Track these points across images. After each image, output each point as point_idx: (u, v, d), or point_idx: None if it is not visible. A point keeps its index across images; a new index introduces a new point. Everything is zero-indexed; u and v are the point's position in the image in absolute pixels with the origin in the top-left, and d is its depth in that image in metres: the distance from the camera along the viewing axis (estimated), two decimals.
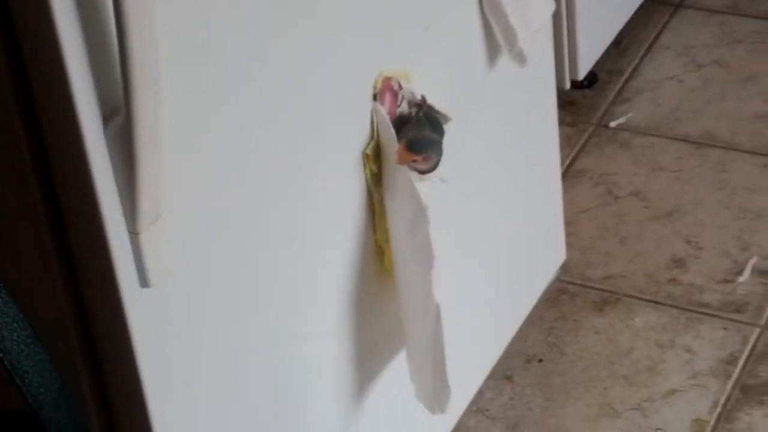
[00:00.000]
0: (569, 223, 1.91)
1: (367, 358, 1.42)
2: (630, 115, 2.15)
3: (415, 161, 1.29)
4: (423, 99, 1.35)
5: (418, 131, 1.30)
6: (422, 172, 1.31)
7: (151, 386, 1.10)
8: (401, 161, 1.29)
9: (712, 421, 1.66)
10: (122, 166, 1.02)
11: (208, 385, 1.18)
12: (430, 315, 1.33)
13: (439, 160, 1.33)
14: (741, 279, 1.85)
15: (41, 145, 1.03)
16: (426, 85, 1.36)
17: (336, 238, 1.32)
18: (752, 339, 1.76)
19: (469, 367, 1.65)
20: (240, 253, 1.18)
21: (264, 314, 1.24)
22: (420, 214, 1.31)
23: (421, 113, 1.33)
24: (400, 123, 1.33)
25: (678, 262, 1.88)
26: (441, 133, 1.34)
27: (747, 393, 1.69)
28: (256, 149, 1.18)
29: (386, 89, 1.32)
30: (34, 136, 1.03)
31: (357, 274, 1.36)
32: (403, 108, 1.34)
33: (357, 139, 1.31)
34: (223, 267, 1.16)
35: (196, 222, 1.11)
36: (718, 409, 1.67)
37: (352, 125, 1.31)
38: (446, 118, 1.36)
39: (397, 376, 1.43)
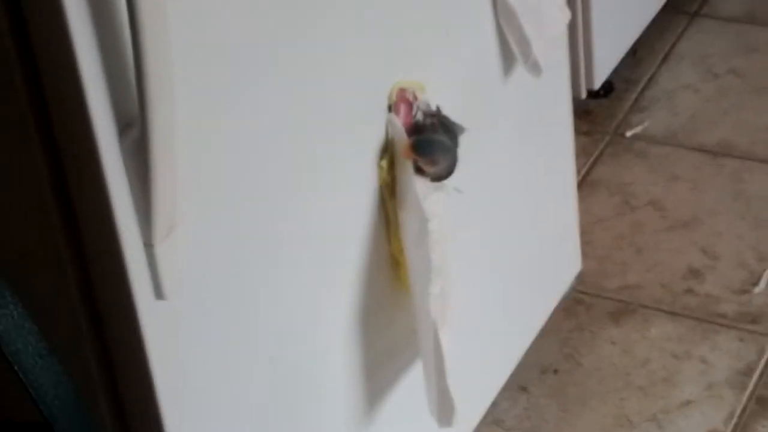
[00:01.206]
0: (585, 233, 1.90)
1: (381, 369, 1.42)
2: (646, 124, 2.15)
3: (417, 161, 1.29)
4: (438, 109, 1.35)
5: (427, 134, 1.31)
6: (431, 177, 1.31)
7: (166, 398, 1.10)
8: (403, 156, 1.29)
9: None
10: (137, 178, 1.02)
11: (221, 396, 1.18)
12: (429, 330, 1.33)
13: (450, 167, 1.32)
14: (757, 290, 1.84)
15: (57, 157, 1.03)
16: (441, 95, 1.36)
17: (350, 249, 1.32)
18: None
19: (484, 378, 1.65)
20: (253, 263, 1.18)
21: (276, 326, 1.24)
22: (423, 226, 1.30)
23: (435, 121, 1.33)
24: (415, 133, 1.33)
25: (694, 273, 1.88)
26: (454, 139, 1.34)
27: (763, 404, 1.68)
28: (270, 160, 1.18)
29: (401, 100, 1.32)
30: (51, 148, 1.03)
31: (371, 286, 1.36)
32: (419, 119, 1.34)
33: (372, 150, 1.31)
34: (236, 277, 1.16)
35: (209, 233, 1.12)
36: (734, 421, 1.67)
37: (367, 136, 1.31)
38: (461, 129, 1.36)
39: (411, 387, 1.43)
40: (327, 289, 1.30)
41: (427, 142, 1.30)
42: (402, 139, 1.30)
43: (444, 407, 1.35)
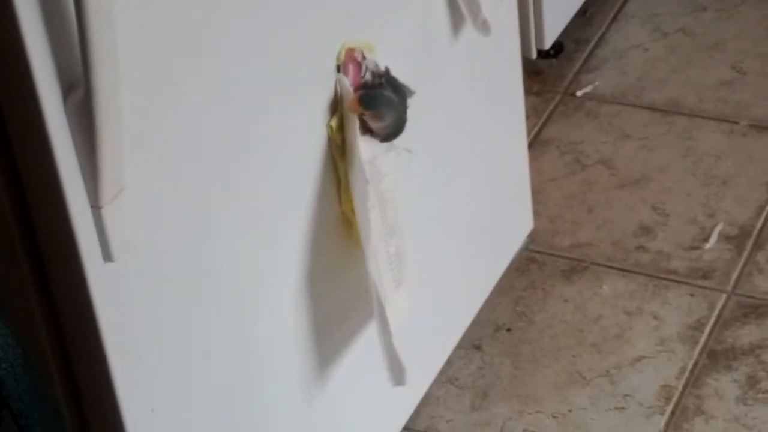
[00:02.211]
0: (537, 192, 1.91)
1: (337, 328, 1.42)
2: (596, 83, 2.16)
3: (363, 115, 1.29)
4: (387, 70, 1.35)
5: (375, 89, 1.31)
6: (379, 137, 1.31)
7: (116, 359, 1.10)
8: (350, 110, 1.29)
9: (680, 387, 1.67)
10: (83, 140, 1.01)
11: (173, 357, 1.18)
12: (371, 290, 1.34)
13: (397, 124, 1.32)
14: (708, 245, 1.86)
15: (2, 122, 1.02)
16: (390, 56, 1.36)
17: (301, 209, 1.32)
18: (719, 305, 1.77)
19: (438, 337, 1.65)
20: (202, 226, 1.18)
21: (227, 287, 1.24)
22: (363, 186, 1.31)
23: (384, 81, 1.33)
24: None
25: (645, 230, 1.89)
26: (402, 97, 1.34)
27: (714, 359, 1.70)
28: (218, 122, 1.17)
29: (350, 60, 1.32)
30: None
31: (323, 246, 1.36)
32: (367, 79, 1.34)
33: (321, 110, 1.31)
34: (185, 240, 1.16)
35: (157, 196, 1.11)
36: (686, 375, 1.68)
37: (316, 97, 1.30)
38: (410, 91, 1.36)
39: (366, 347, 1.44)
40: (278, 249, 1.30)
41: (374, 95, 1.31)
42: (350, 95, 1.30)
43: (394, 366, 1.36)
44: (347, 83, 1.31)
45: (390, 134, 1.34)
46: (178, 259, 1.16)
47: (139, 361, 1.14)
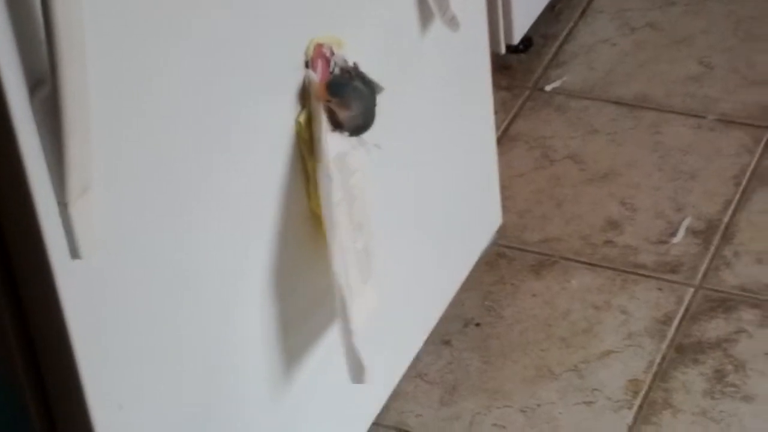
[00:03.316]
0: (505, 187, 1.92)
1: (305, 324, 1.42)
2: (565, 78, 2.16)
3: (330, 103, 1.29)
4: (355, 66, 1.34)
5: (343, 77, 1.31)
6: (348, 131, 1.31)
7: (84, 357, 1.10)
8: (317, 98, 1.29)
9: (648, 381, 1.68)
10: (49, 136, 1.01)
11: (141, 356, 1.17)
12: (334, 288, 1.34)
13: (365, 117, 1.33)
14: (675, 240, 1.87)
15: None
16: (358, 51, 1.36)
17: (269, 206, 1.32)
18: (687, 299, 1.78)
19: (407, 332, 1.66)
20: (169, 223, 1.18)
21: (195, 283, 1.23)
22: (328, 183, 1.31)
23: (352, 75, 1.33)
24: None
25: (613, 224, 1.90)
26: (371, 89, 1.34)
27: (682, 352, 1.71)
28: (185, 117, 1.17)
29: (318, 56, 1.32)
30: None
31: (291, 242, 1.36)
32: (336, 74, 1.34)
33: (289, 106, 1.31)
34: (152, 236, 1.16)
35: (124, 192, 1.11)
36: (654, 369, 1.69)
37: (285, 93, 1.30)
38: (379, 88, 1.36)
39: (333, 343, 1.44)
40: (246, 245, 1.30)
41: (341, 83, 1.31)
42: (320, 83, 1.30)
43: (354, 365, 1.36)
44: (315, 79, 1.31)
45: (358, 126, 1.34)
46: (146, 255, 1.16)
47: (106, 358, 1.13)
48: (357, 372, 1.36)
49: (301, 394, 1.44)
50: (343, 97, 1.30)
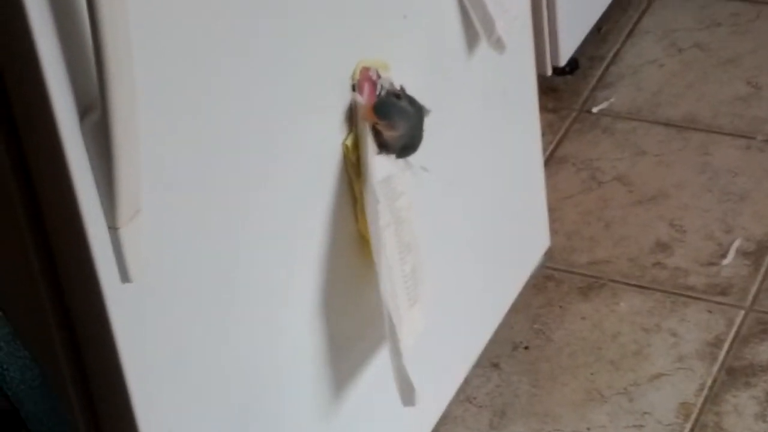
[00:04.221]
0: (553, 210, 1.91)
1: (354, 347, 1.42)
2: (612, 100, 2.16)
3: (377, 125, 1.29)
4: (402, 89, 1.35)
5: (389, 98, 1.31)
6: (395, 152, 1.31)
7: (134, 380, 1.10)
8: (364, 118, 1.29)
9: (699, 404, 1.66)
10: (99, 161, 1.02)
11: (188, 379, 1.18)
12: (383, 310, 1.33)
13: (412, 137, 1.33)
14: (725, 261, 1.85)
15: (19, 144, 1.03)
16: (405, 74, 1.36)
17: (317, 229, 1.32)
18: (737, 321, 1.77)
19: (456, 356, 1.65)
20: (218, 245, 1.18)
21: (243, 306, 1.24)
22: (375, 206, 1.31)
23: (399, 98, 1.34)
24: None
25: (662, 246, 1.89)
26: (418, 111, 1.34)
27: (733, 375, 1.70)
28: (234, 141, 1.18)
29: (365, 79, 1.32)
30: (12, 134, 1.02)
31: (339, 265, 1.36)
32: (382, 97, 1.34)
33: (337, 129, 1.31)
34: (200, 260, 1.16)
35: (173, 215, 1.11)
36: (705, 392, 1.68)
37: (332, 115, 1.30)
38: (426, 110, 1.36)
39: (382, 366, 1.43)
40: (294, 267, 1.30)
41: (388, 104, 1.31)
42: (367, 105, 1.30)
43: (404, 387, 1.36)
44: (362, 102, 1.31)
45: (405, 147, 1.34)
46: (195, 278, 1.16)
47: (157, 383, 1.14)
48: (407, 394, 1.36)
49: (349, 417, 1.43)
50: (390, 119, 1.31)
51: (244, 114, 1.18)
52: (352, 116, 1.32)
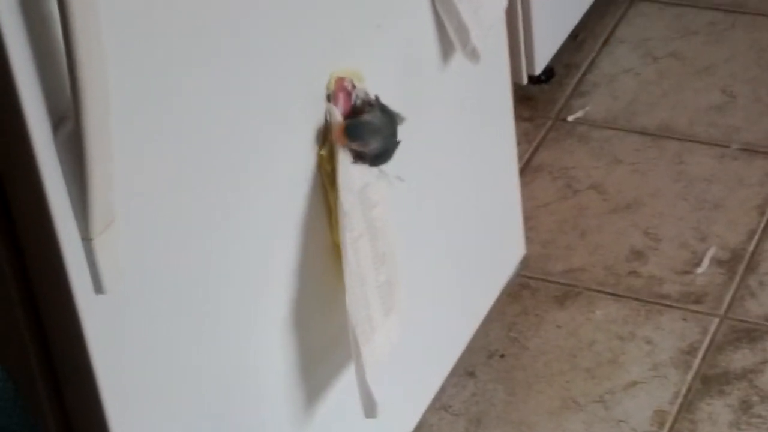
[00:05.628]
0: (529, 218, 1.91)
1: (327, 356, 1.42)
2: (587, 108, 2.16)
3: (350, 146, 1.30)
4: (377, 99, 1.35)
5: (357, 117, 1.31)
6: (369, 162, 1.32)
7: (108, 393, 1.10)
8: (337, 142, 1.30)
9: (674, 412, 1.67)
10: (73, 172, 1.02)
11: (163, 389, 1.18)
12: (348, 322, 1.34)
13: (385, 147, 1.33)
14: (700, 270, 1.86)
15: None
16: (379, 83, 1.36)
17: (291, 240, 1.32)
18: (712, 329, 1.77)
19: (431, 364, 1.65)
20: (192, 256, 1.18)
21: (216, 316, 1.24)
22: (346, 217, 1.31)
23: (375, 109, 1.34)
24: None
25: (637, 254, 1.89)
26: (390, 118, 1.34)
27: (707, 383, 1.70)
28: (208, 151, 1.18)
29: (339, 89, 1.32)
30: None
31: (313, 275, 1.36)
32: (357, 107, 1.34)
33: (312, 140, 1.31)
34: (174, 270, 1.16)
35: (147, 225, 1.11)
36: (679, 400, 1.68)
37: (307, 126, 1.31)
38: (401, 118, 1.36)
39: (353, 380, 1.43)
40: (269, 277, 1.30)
41: (358, 125, 1.31)
42: (338, 127, 1.30)
43: (366, 400, 1.36)
44: (337, 113, 1.31)
45: (378, 155, 1.34)
46: (168, 289, 1.16)
47: (131, 394, 1.13)
48: (369, 407, 1.36)
49: (323, 425, 1.43)
50: (362, 139, 1.31)
51: (219, 124, 1.18)
52: (326, 127, 1.32)
